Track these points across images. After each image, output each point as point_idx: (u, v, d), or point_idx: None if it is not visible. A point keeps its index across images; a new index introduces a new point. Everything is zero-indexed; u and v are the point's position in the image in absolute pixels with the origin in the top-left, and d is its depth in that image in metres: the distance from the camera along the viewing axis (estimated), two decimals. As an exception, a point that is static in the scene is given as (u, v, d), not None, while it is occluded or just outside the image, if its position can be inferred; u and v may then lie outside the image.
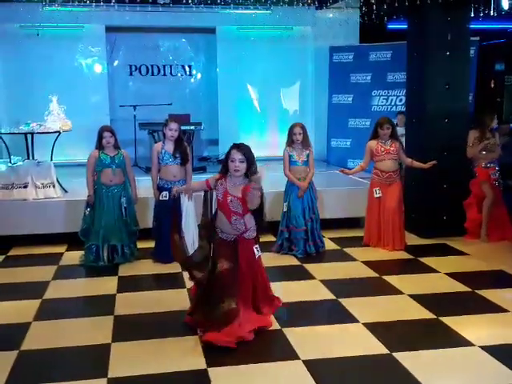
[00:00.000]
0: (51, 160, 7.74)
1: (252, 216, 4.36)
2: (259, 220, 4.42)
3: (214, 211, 4.47)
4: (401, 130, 7.88)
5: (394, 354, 4.09)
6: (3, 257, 6.67)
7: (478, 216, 7.20)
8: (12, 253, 6.84)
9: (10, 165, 7.28)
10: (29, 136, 7.70)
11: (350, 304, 5.05)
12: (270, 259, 6.44)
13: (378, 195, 6.78)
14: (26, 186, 7.11)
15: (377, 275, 5.88)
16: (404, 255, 6.60)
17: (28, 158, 7.65)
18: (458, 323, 4.60)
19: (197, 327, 4.45)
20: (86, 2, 9.12)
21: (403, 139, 7.53)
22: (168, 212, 6.01)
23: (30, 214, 7.01)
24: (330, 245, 6.98)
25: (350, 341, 4.36)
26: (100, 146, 6.20)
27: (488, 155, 7.15)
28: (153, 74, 11.57)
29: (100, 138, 6.18)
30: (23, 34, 10.40)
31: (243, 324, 4.30)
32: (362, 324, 4.62)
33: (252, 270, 4.46)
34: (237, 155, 4.25)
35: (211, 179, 4.43)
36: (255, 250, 4.43)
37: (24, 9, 9.66)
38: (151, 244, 6.47)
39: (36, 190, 7.15)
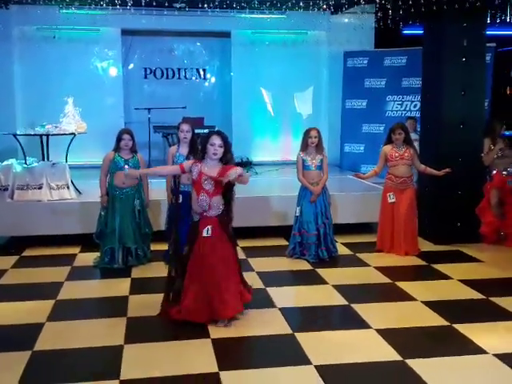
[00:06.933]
0: (66, 162, 7.80)
1: (222, 200, 4.63)
2: (229, 206, 4.71)
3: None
4: (413, 135, 7.85)
5: (407, 360, 4.07)
6: (17, 257, 6.72)
7: (494, 219, 7.17)
8: (26, 253, 6.89)
9: (25, 166, 7.34)
10: (44, 137, 7.76)
11: (363, 310, 5.03)
12: (282, 263, 6.49)
13: (391, 200, 6.76)
14: (40, 188, 7.17)
15: (390, 281, 5.86)
16: (417, 261, 6.57)
17: (43, 160, 7.70)
18: (472, 331, 4.57)
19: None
20: (102, 5, 9.19)
21: (416, 144, 7.49)
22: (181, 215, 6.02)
23: (44, 215, 7.06)
24: (342, 250, 6.97)
25: (363, 347, 4.34)
26: (118, 147, 6.24)
27: (503, 161, 7.17)
28: (167, 78, 11.61)
29: (119, 139, 6.22)
30: (40, 37, 10.49)
31: (187, 306, 4.58)
32: (375, 330, 4.60)
33: (209, 253, 4.58)
34: (217, 140, 4.55)
35: (185, 164, 4.73)
36: (205, 229, 4.59)
37: (41, 11, 9.76)
38: (164, 246, 6.49)
39: (50, 192, 7.21)
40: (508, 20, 8.13)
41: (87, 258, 6.55)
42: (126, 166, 5.91)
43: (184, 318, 4.61)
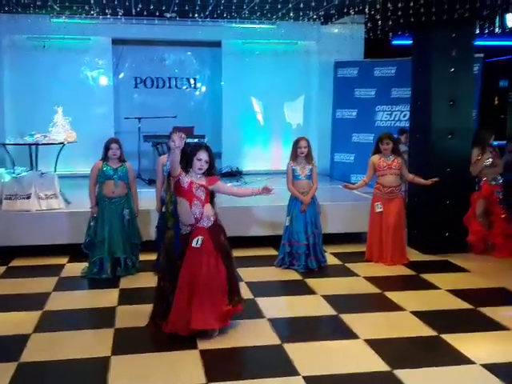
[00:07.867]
0: (55, 171, 7.77)
1: (212, 211, 4.66)
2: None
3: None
4: (403, 147, 7.88)
5: (395, 371, 4.06)
6: (5, 267, 6.67)
7: (481, 228, 7.20)
8: (14, 263, 6.84)
9: (13, 175, 7.29)
10: (33, 147, 7.73)
11: (351, 320, 5.03)
12: (271, 273, 6.48)
13: (379, 210, 6.78)
14: (29, 197, 7.11)
15: (378, 291, 5.86)
16: (406, 271, 6.58)
17: (32, 169, 7.67)
18: (460, 341, 4.58)
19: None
20: (93, 14, 9.20)
21: (406, 156, 7.52)
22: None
23: (32, 225, 7.01)
24: (331, 260, 6.97)
25: (351, 357, 4.33)
26: (106, 157, 6.22)
27: (491, 170, 7.22)
28: (158, 87, 11.60)
29: (107, 149, 6.20)
30: (30, 46, 10.45)
31: (176, 319, 4.54)
32: (363, 340, 4.60)
33: (197, 266, 4.53)
34: (204, 156, 4.59)
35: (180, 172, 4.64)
36: (194, 240, 4.54)
37: (31, 20, 9.73)
38: (153, 256, 6.46)
39: (39, 201, 7.15)
40: (496, 31, 8.21)
41: (75, 269, 6.51)
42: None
43: (170, 330, 4.58)
